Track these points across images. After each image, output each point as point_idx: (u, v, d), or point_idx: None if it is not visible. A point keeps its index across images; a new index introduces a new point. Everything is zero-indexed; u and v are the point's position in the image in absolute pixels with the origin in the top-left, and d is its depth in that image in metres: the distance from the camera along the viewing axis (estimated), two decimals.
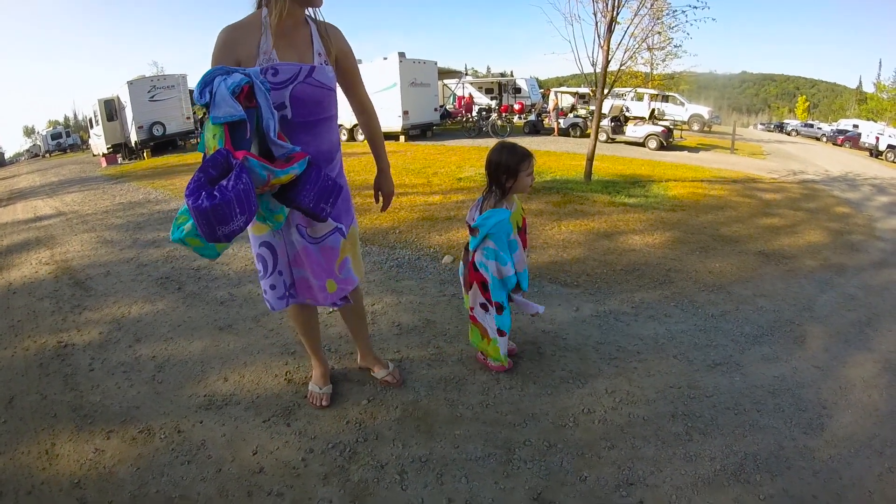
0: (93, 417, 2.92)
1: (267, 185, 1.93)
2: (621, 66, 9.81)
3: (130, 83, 22.21)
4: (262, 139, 1.97)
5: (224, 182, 1.71)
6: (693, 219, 7.41)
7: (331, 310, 4.03)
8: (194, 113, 24.52)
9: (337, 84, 2.37)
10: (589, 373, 3.29)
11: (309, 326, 2.89)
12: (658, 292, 4.66)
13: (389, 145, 16.43)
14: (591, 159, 9.95)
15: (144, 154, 21.77)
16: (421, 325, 3.90)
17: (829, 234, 7.12)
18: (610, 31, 9.04)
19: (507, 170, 2.74)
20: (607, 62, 9.32)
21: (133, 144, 22.48)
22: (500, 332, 3.04)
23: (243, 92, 1.82)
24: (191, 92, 25.52)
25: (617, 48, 9.40)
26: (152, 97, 22.48)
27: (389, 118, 18.87)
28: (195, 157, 17.56)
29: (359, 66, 2.64)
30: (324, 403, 2.89)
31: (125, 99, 22.34)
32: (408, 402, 2.97)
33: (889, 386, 3.49)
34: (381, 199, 2.80)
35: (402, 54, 19.41)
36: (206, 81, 1.81)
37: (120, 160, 21.42)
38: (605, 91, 9.78)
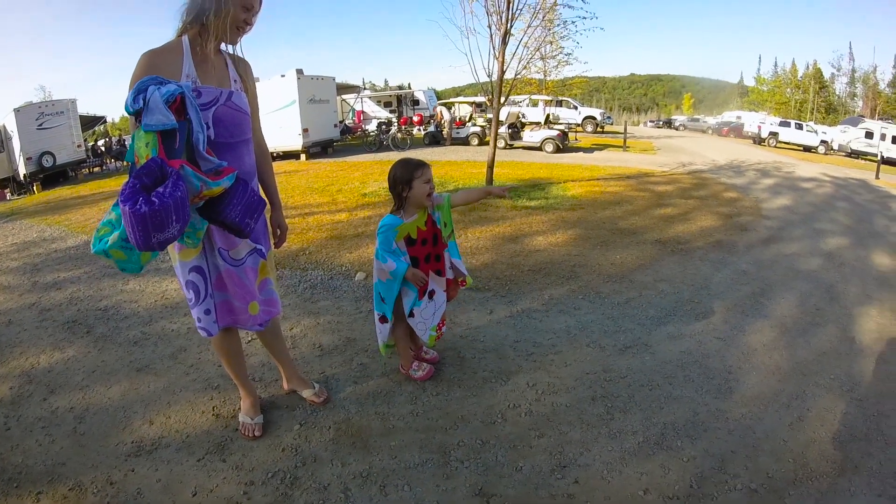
0: (18, 480, 2.99)
1: (198, 197, 2.21)
2: (516, 75, 11.38)
3: (17, 111, 22.49)
4: (190, 153, 2.25)
5: (161, 189, 1.96)
6: (592, 215, 8.57)
7: (249, 339, 4.42)
8: (85, 140, 24.98)
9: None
10: (510, 370, 3.88)
11: (234, 354, 3.20)
12: (566, 287, 5.48)
13: (290, 165, 17.11)
14: (491, 166, 11.17)
15: (35, 188, 21.67)
16: (342, 344, 4.37)
17: (719, 218, 8.54)
18: (504, 42, 10.46)
19: (402, 181, 3.30)
20: (503, 72, 10.72)
21: (22, 178, 22.51)
22: (383, 320, 3.56)
23: (175, 102, 2.10)
24: (82, 117, 25.58)
25: (511, 58, 10.95)
26: (41, 125, 22.88)
27: (289, 137, 20.59)
28: (89, 189, 17.66)
29: (257, 84, 3.08)
30: (256, 434, 3.19)
31: (12, 128, 22.55)
32: (340, 421, 3.35)
33: (788, 346, 4.45)
34: (278, 233, 3.24)
35: (299, 71, 20.88)
36: (140, 89, 2.07)
37: (9, 196, 21.29)
38: (502, 99, 11.19)
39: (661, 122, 63.64)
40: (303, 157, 21.33)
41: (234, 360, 3.24)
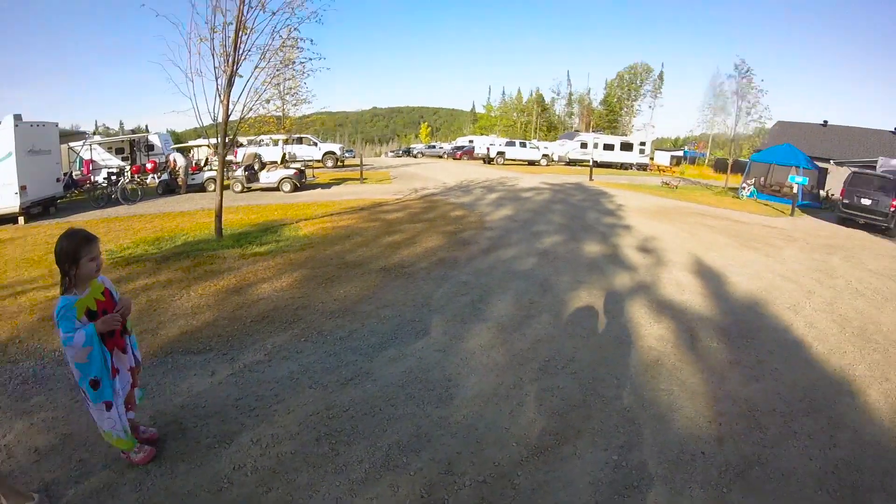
0: None
1: None
2: (242, 117, 11.19)
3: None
4: None
5: None
6: (321, 253, 8.74)
7: None
8: None
9: None
10: (233, 431, 3.81)
11: None
12: (289, 333, 5.53)
13: (3, 231, 14.80)
14: (219, 215, 10.75)
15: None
16: (59, 443, 3.92)
17: (444, 237, 9.28)
18: (230, 84, 10.28)
19: (68, 258, 3.14)
20: (227, 115, 10.50)
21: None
22: (108, 405, 3.34)
23: None
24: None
25: (238, 100, 10.77)
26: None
27: (4, 196, 17.64)
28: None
29: None
30: None
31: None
32: None
33: (504, 342, 5.02)
34: None
35: (17, 117, 17.84)
36: None
37: None
38: (227, 141, 10.93)
39: (401, 152, 67.54)
40: (21, 220, 18.60)
41: None
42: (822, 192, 29.69)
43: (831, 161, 39.32)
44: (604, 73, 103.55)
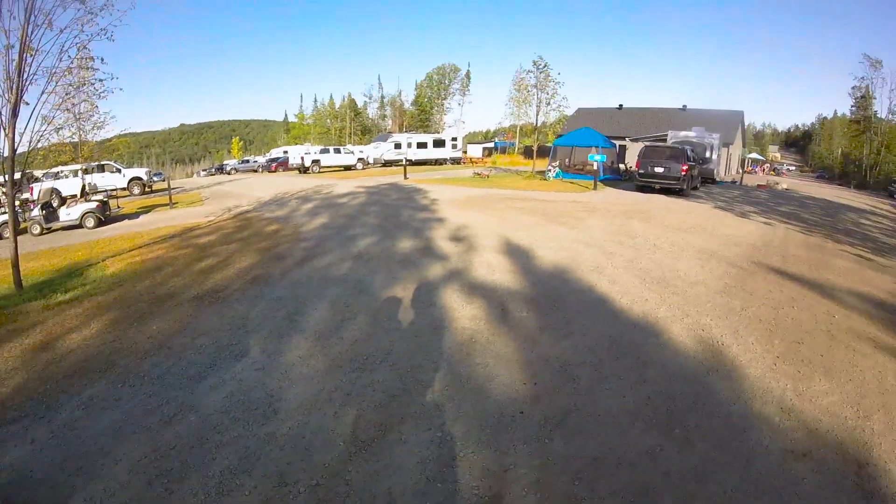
0: None
1: None
2: (31, 149, 9.98)
3: None
4: None
5: None
6: (131, 291, 8.22)
7: None
8: None
9: None
10: (64, 495, 3.61)
11: None
12: (105, 381, 5.22)
13: None
14: (15, 265, 9.51)
15: None
16: None
17: (259, 254, 9.20)
18: (15, 115, 9.11)
19: None
20: (14, 148, 9.28)
21: None
22: None
23: None
24: None
25: (24, 130, 9.60)
26: None
27: None
28: None
29: None
30: None
31: None
32: None
33: (323, 349, 5.21)
34: None
35: None
36: None
37: None
38: (18, 178, 9.76)
39: (213, 170, 64.53)
40: None
41: None
42: (622, 166, 32.83)
43: (627, 138, 43.56)
44: (414, 75, 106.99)
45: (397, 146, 43.80)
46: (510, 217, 13.67)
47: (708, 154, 30.95)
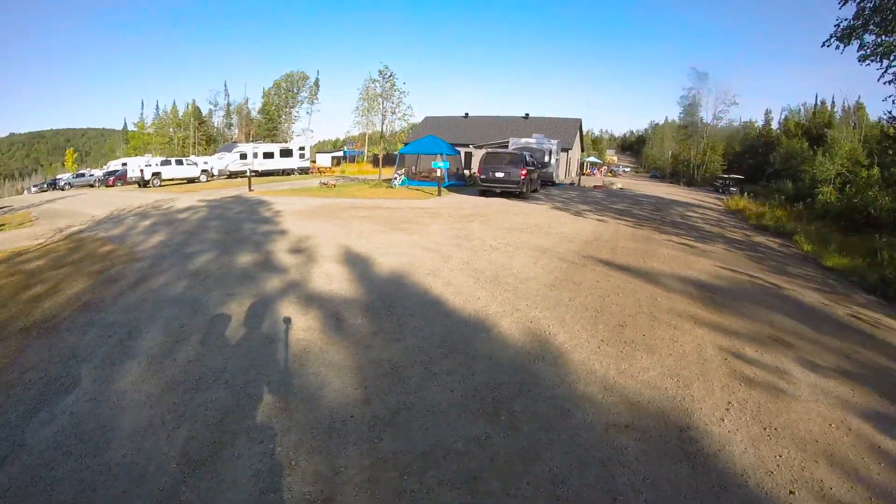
0: None
1: None
2: None
3: None
4: None
5: None
6: None
7: None
8: None
9: None
10: None
11: None
12: None
13: None
14: None
15: None
16: None
17: (91, 278, 8.79)
18: None
19: None
20: None
21: None
22: None
23: None
24: None
25: None
26: None
27: None
28: None
29: None
30: None
31: None
32: None
33: (154, 374, 5.22)
34: None
35: None
36: None
37: None
38: None
39: (45, 185, 59.24)
40: None
41: None
42: (467, 172, 34.16)
43: (472, 146, 45.26)
44: (261, 82, 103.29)
45: (243, 156, 42.65)
46: (353, 226, 13.93)
47: (547, 159, 33.07)
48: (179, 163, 38.30)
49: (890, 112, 19.44)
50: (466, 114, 59.74)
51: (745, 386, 5.44)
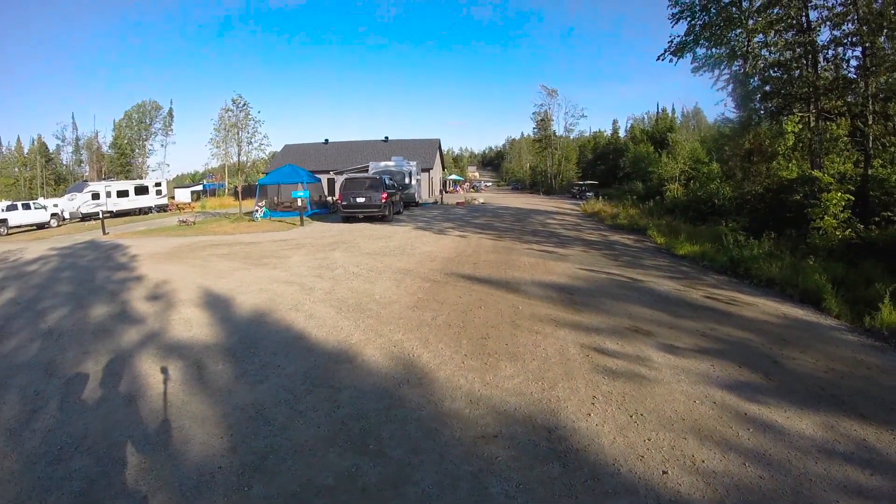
0: None
1: None
2: None
3: None
4: None
5: None
6: None
7: None
8: None
9: None
10: None
11: None
12: None
13: None
14: None
15: None
16: None
17: None
18: None
19: None
20: None
21: None
22: None
23: None
24: None
25: None
26: None
27: None
28: None
29: None
30: None
31: None
32: None
33: (16, 446, 4.93)
34: None
35: None
36: None
37: None
38: None
39: None
40: None
41: None
42: (330, 199, 34.12)
43: (332, 172, 45.15)
44: (111, 113, 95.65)
45: (95, 196, 39.74)
46: (212, 265, 13.62)
47: (407, 180, 33.71)
48: (27, 207, 34.82)
49: (723, 114, 22.15)
50: (326, 140, 59.74)
51: (608, 379, 5.78)
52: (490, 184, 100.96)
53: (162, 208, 45.66)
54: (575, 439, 4.58)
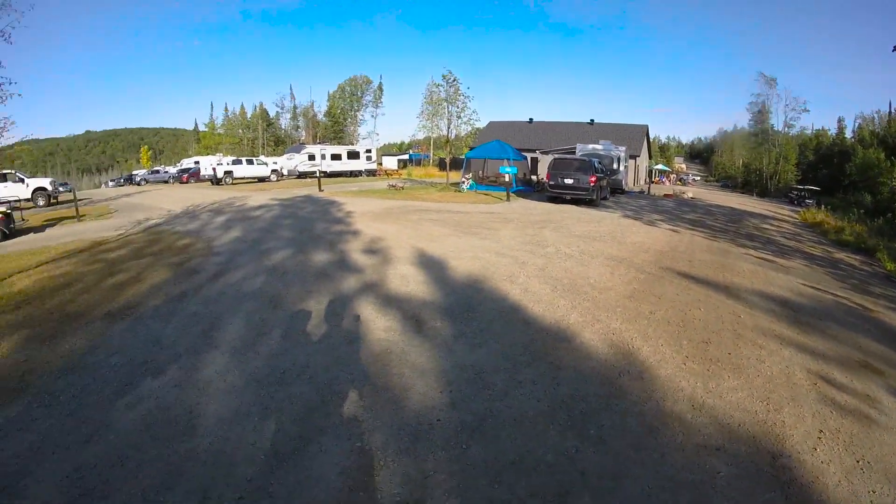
0: None
1: None
2: None
3: None
4: None
5: None
6: (40, 308, 7.78)
7: None
8: None
9: None
10: None
11: None
12: (18, 403, 4.94)
13: None
14: None
15: None
16: None
17: (171, 269, 9.09)
18: None
19: None
20: None
21: None
22: None
23: None
24: None
25: None
26: None
27: None
28: None
29: None
30: None
31: None
32: None
33: (240, 364, 5.35)
34: None
35: None
36: None
37: None
38: None
39: (122, 180, 61.76)
40: None
41: None
42: (534, 178, 33.78)
43: (538, 151, 44.85)
44: (326, 86, 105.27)
45: (311, 158, 43.53)
46: (425, 229, 13.93)
47: (615, 166, 32.38)
48: (250, 162, 39.42)
49: None
50: (531, 119, 59.12)
51: (836, 414, 5.16)
52: (698, 178, 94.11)
53: (371, 173, 48.60)
54: (800, 472, 4.21)
